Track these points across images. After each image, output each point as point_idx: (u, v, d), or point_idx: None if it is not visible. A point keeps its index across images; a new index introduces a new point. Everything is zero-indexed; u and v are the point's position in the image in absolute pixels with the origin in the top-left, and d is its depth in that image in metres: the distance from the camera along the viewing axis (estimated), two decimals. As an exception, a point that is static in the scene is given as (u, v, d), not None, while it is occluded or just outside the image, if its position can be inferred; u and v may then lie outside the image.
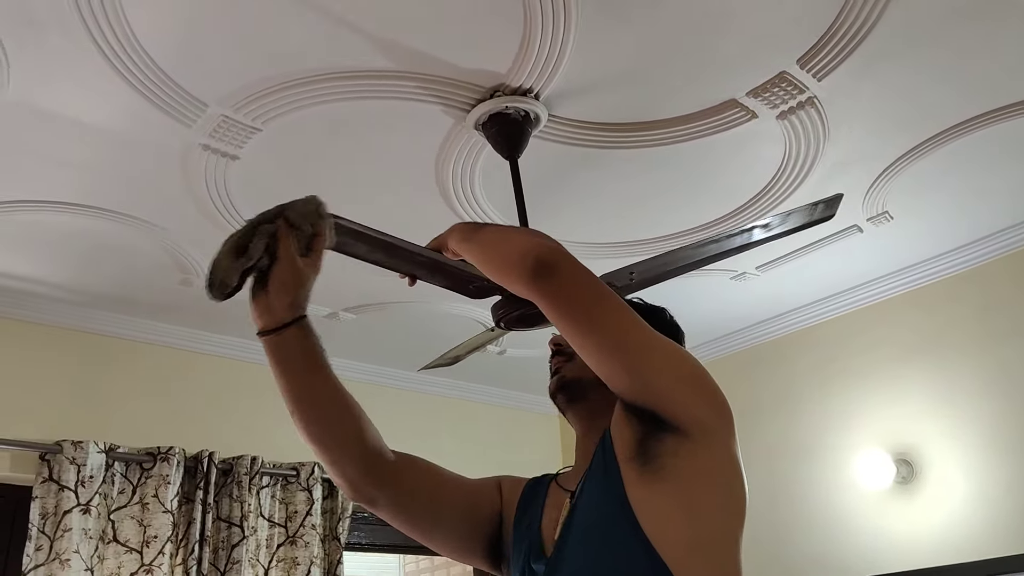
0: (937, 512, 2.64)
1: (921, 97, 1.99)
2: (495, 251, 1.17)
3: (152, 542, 2.54)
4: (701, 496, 1.00)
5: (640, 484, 1.01)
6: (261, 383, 3.04)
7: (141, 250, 2.41)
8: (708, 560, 0.98)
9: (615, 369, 1.03)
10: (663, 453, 1.00)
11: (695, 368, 1.05)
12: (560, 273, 1.07)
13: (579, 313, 1.05)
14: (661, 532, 0.98)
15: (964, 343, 2.69)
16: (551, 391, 1.24)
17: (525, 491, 1.26)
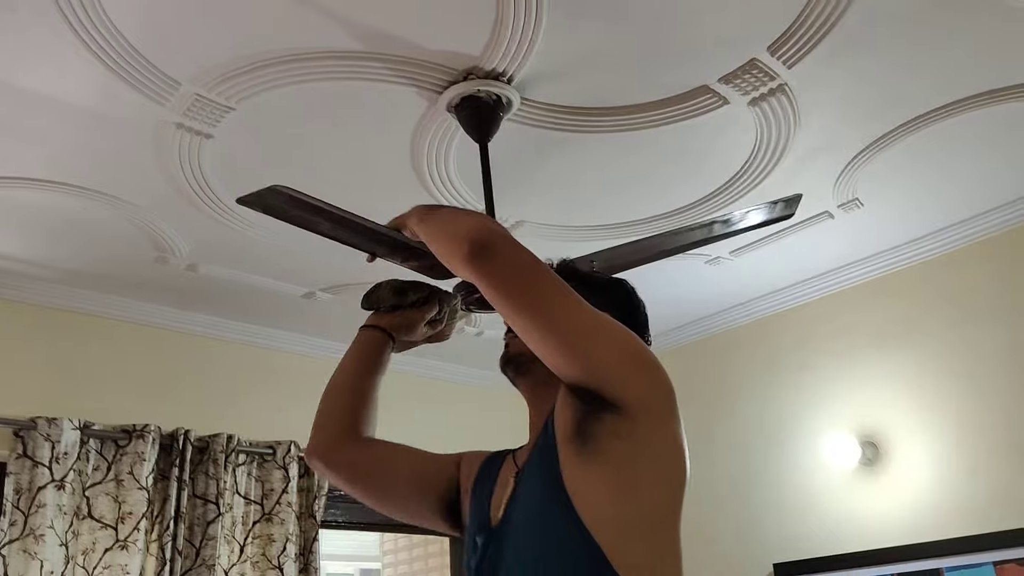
0: (901, 493, 2.70)
1: (891, 85, 2.01)
2: (440, 233, 1.20)
3: (127, 518, 2.55)
4: (638, 476, 1.01)
5: (577, 465, 1.03)
6: (237, 362, 3.07)
7: (115, 228, 2.41)
8: (643, 540, 0.99)
9: (554, 351, 1.04)
10: (601, 433, 1.01)
11: (636, 348, 1.06)
12: (496, 255, 1.08)
13: (516, 295, 1.06)
14: (595, 513, 0.99)
15: (931, 329, 2.74)
16: (500, 364, 1.27)
17: (484, 463, 1.29)
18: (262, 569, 2.78)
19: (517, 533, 1.07)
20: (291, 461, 2.91)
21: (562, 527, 1.01)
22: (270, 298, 2.90)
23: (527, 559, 1.05)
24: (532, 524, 1.05)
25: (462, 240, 1.10)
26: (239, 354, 3.09)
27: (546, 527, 1.03)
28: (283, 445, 2.92)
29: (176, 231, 2.45)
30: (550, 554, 1.02)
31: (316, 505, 2.93)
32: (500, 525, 1.11)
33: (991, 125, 2.19)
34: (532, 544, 1.04)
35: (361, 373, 1.40)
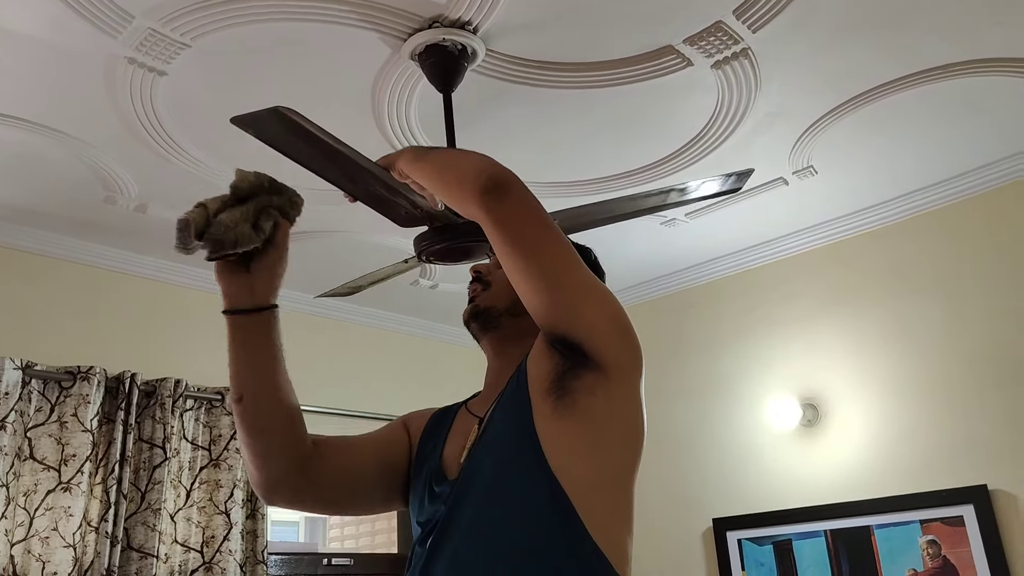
0: (838, 454, 2.80)
1: (851, 55, 2.04)
2: (449, 169, 1.17)
3: (71, 460, 2.52)
4: (608, 434, 1.03)
5: (551, 418, 1.03)
6: (186, 307, 3.02)
7: (63, 165, 2.33)
8: (607, 495, 1.02)
9: (549, 302, 1.05)
10: (579, 389, 1.03)
11: (621, 313, 1.08)
12: (512, 196, 1.07)
13: (525, 239, 1.05)
14: (565, 466, 1.01)
15: (875, 297, 2.82)
16: (465, 318, 1.26)
17: (431, 421, 1.28)
18: (209, 514, 2.77)
19: (481, 481, 1.07)
20: (240, 408, 2.89)
21: (534, 476, 1.02)
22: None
23: (492, 505, 1.05)
24: (501, 470, 1.06)
25: (477, 175, 1.08)
26: (188, 299, 3.04)
27: (517, 475, 1.04)
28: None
29: (126, 170, 2.38)
30: (517, 500, 1.03)
31: (265, 452, 2.92)
32: (462, 473, 1.10)
33: (945, 100, 2.24)
34: (498, 491, 1.05)
35: (269, 376, 1.13)
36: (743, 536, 2.93)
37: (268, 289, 1.12)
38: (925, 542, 2.55)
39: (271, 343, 1.13)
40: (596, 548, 0.99)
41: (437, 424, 1.26)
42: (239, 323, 1.12)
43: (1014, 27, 1.96)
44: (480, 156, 1.17)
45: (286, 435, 1.14)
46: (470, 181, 1.09)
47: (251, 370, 1.12)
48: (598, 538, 0.99)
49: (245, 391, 1.12)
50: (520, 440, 1.05)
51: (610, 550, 0.99)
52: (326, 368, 3.32)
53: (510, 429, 1.08)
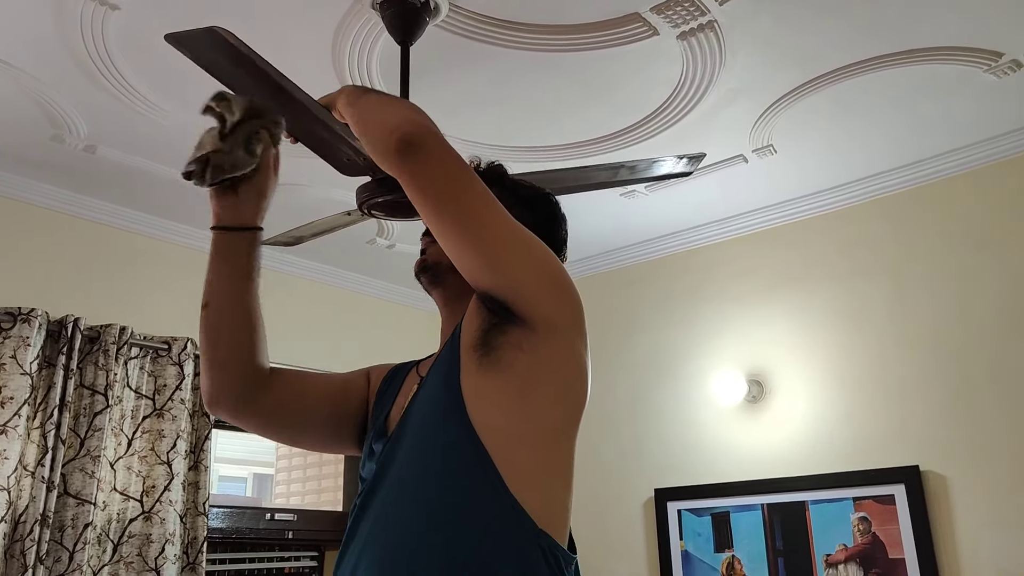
0: (779, 430, 2.85)
1: (817, 34, 2.04)
2: (370, 119, 1.14)
3: (8, 403, 2.47)
4: (535, 390, 1.02)
5: (477, 373, 1.03)
6: (135, 252, 2.96)
7: (9, 99, 2.25)
8: (532, 452, 1.00)
9: (470, 259, 1.03)
10: (505, 344, 1.02)
11: (552, 266, 1.06)
12: (425, 153, 1.04)
13: (440, 197, 1.03)
14: (487, 421, 1.00)
15: (825, 279, 2.87)
16: (415, 271, 1.25)
17: (388, 375, 1.28)
18: (150, 464, 2.74)
19: (411, 437, 1.07)
20: (187, 359, 2.85)
21: (454, 433, 1.01)
22: (171, 188, 2.78)
23: (417, 460, 1.05)
24: (427, 427, 1.06)
25: (391, 132, 1.06)
26: (137, 244, 2.98)
27: (438, 433, 1.04)
28: (179, 342, 2.86)
29: (75, 109, 2.31)
30: (439, 455, 1.02)
31: (210, 404, 2.89)
32: (396, 430, 1.11)
33: (905, 85, 2.26)
34: (424, 445, 1.05)
35: (240, 292, 1.17)
36: (683, 507, 2.98)
37: (254, 211, 1.18)
38: (857, 519, 2.62)
39: (249, 262, 1.18)
40: (515, 502, 0.97)
41: (391, 382, 1.26)
42: (222, 239, 1.17)
43: (978, 18, 1.98)
44: (402, 108, 1.12)
45: (242, 351, 1.18)
46: (385, 136, 1.07)
47: (224, 282, 1.17)
48: (520, 493, 0.98)
49: (212, 299, 1.17)
50: (446, 396, 1.05)
51: (534, 506, 0.98)
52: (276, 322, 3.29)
53: (439, 387, 1.08)
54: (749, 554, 2.80)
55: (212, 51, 1.38)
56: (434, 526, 0.98)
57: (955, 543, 2.45)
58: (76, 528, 2.51)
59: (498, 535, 0.96)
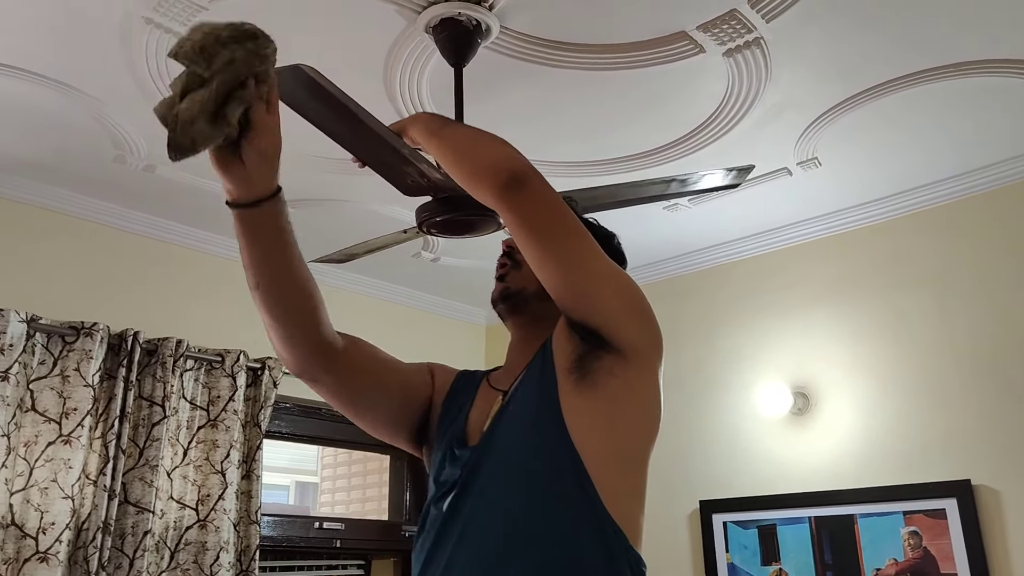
0: (825, 443, 2.84)
1: (863, 48, 2.05)
2: (467, 154, 1.20)
3: (72, 414, 2.55)
4: (625, 414, 1.10)
5: (574, 394, 1.10)
6: (190, 268, 3.05)
7: (75, 121, 2.35)
8: (621, 472, 1.08)
9: (569, 290, 1.11)
10: (600, 369, 1.09)
11: (640, 298, 1.15)
12: (531, 189, 1.12)
13: (544, 232, 1.11)
14: (585, 440, 1.07)
15: (869, 291, 2.86)
16: (494, 298, 1.29)
17: (457, 381, 1.33)
18: (205, 473, 2.81)
19: (504, 449, 1.13)
20: (239, 370, 2.93)
21: (555, 445, 1.08)
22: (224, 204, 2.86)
23: (512, 471, 1.10)
24: (524, 440, 1.12)
25: (496, 169, 1.13)
26: (193, 260, 3.07)
27: (539, 443, 1.10)
28: (232, 354, 2.94)
29: (137, 130, 2.40)
30: (538, 468, 1.08)
31: (262, 415, 2.97)
32: (484, 440, 1.16)
33: (953, 97, 2.26)
34: (521, 459, 1.10)
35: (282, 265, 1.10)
36: (729, 519, 2.98)
37: (265, 177, 1.03)
38: (907, 533, 2.60)
39: (280, 229, 1.07)
40: (611, 519, 1.04)
41: (463, 387, 1.30)
42: (243, 216, 1.05)
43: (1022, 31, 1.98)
44: (500, 144, 1.19)
45: (305, 319, 1.15)
46: (489, 173, 1.13)
47: (263, 257, 1.08)
48: (613, 511, 1.05)
49: (260, 278, 1.10)
50: (544, 413, 1.11)
51: (623, 524, 1.06)
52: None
53: (534, 403, 1.13)
54: (797, 567, 2.79)
55: (291, 83, 1.45)
56: (532, 537, 1.03)
57: (1008, 558, 2.42)
58: (136, 535, 2.58)
59: (593, 550, 1.03)
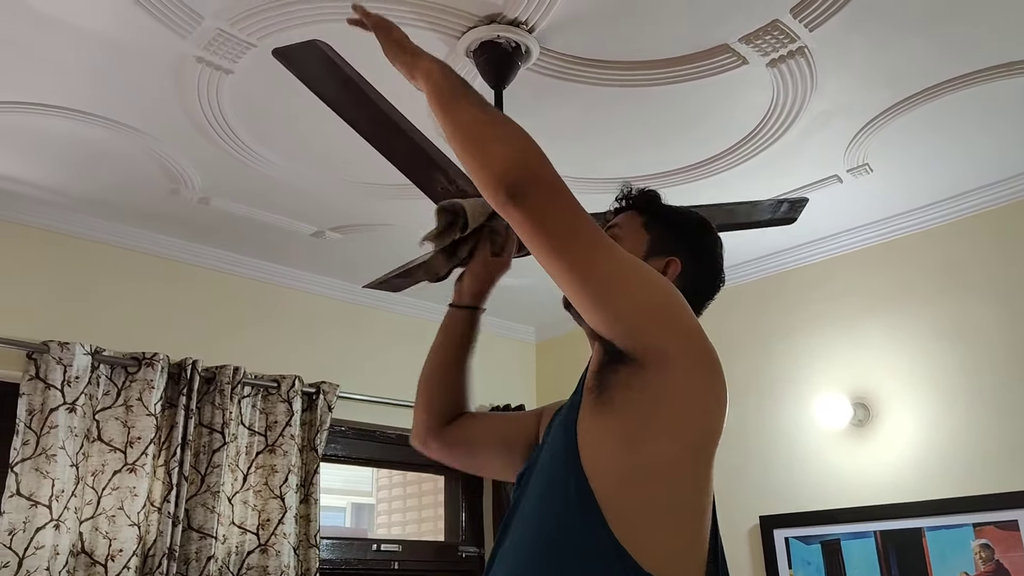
0: (888, 454, 2.77)
1: (909, 53, 2.02)
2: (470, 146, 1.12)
3: (136, 443, 2.62)
4: (644, 427, 1.00)
5: (590, 415, 1.04)
6: (246, 297, 3.12)
7: (131, 158, 2.43)
8: (643, 492, 0.99)
9: (581, 298, 1.05)
10: (614, 384, 1.03)
11: (660, 300, 1.05)
12: (537, 195, 1.04)
13: (547, 244, 1.04)
14: (595, 462, 1.01)
15: (927, 297, 2.79)
16: (563, 304, 1.26)
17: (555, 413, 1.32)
18: (264, 498, 2.86)
19: (536, 474, 1.12)
20: (295, 395, 2.98)
21: (564, 468, 1.04)
22: (280, 235, 2.93)
23: (534, 497, 1.09)
24: (550, 465, 1.09)
25: (498, 182, 1.05)
26: (247, 288, 3.14)
27: (555, 468, 1.07)
28: (287, 379, 2.98)
29: (191, 164, 2.47)
30: (550, 493, 1.05)
31: (318, 439, 3.01)
32: (528, 465, 1.17)
33: (1005, 98, 2.20)
34: (542, 484, 1.08)
35: (457, 356, 1.43)
36: (791, 534, 2.92)
37: (472, 293, 1.43)
38: (978, 546, 2.52)
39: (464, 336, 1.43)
40: (616, 543, 0.96)
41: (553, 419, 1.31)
42: (448, 316, 1.45)
43: (1080, 25, 1.92)
44: (504, 139, 1.10)
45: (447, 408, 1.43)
46: (491, 184, 1.06)
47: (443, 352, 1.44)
48: (626, 533, 0.97)
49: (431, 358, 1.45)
50: (564, 437, 1.07)
51: (643, 546, 0.97)
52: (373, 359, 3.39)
53: (562, 427, 1.11)
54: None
55: (313, 65, 1.47)
56: (543, 562, 1.01)
57: (1087, 571, 2.33)
58: (200, 561, 2.63)
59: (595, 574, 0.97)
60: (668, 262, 1.24)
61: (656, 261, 1.23)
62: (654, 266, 1.19)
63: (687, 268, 1.24)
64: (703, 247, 1.28)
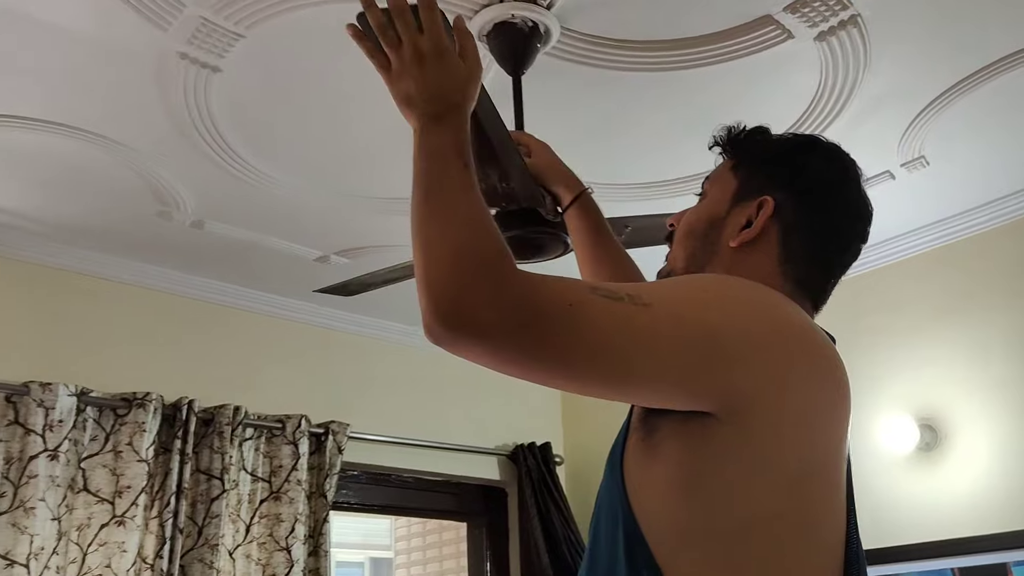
0: (963, 481, 2.48)
1: (975, 20, 1.79)
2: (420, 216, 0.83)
3: (125, 492, 2.38)
4: (706, 484, 0.79)
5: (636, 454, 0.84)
6: (247, 330, 2.89)
7: (113, 176, 2.22)
8: (710, 553, 0.78)
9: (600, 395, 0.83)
10: (666, 428, 0.82)
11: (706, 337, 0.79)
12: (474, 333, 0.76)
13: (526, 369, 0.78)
14: (651, 511, 0.80)
15: (997, 303, 2.52)
16: None
17: None
18: (269, 551, 2.60)
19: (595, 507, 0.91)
20: (301, 436, 2.73)
21: (614, 512, 0.84)
22: (281, 261, 2.71)
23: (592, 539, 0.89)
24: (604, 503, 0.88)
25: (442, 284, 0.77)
26: (247, 321, 2.91)
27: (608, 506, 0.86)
28: (293, 419, 2.74)
29: (181, 181, 2.26)
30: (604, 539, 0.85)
31: (327, 484, 2.75)
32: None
33: (1082, 70, 1.97)
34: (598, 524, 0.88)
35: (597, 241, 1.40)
36: (854, 575, 2.62)
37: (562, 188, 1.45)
38: (1074, 581, 2.22)
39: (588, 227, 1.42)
40: None
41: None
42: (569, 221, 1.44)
43: None
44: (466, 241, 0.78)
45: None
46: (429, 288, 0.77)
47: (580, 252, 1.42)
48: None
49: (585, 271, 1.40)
50: (613, 469, 0.86)
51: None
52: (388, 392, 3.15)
53: (609, 462, 0.89)
54: (943, 628, 2.41)
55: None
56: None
57: None
58: (197, 623, 2.37)
59: None
60: (759, 203, 0.96)
61: (744, 208, 0.97)
62: (743, 213, 0.96)
63: (786, 206, 0.95)
64: (802, 170, 0.98)
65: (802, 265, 0.96)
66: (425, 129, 0.89)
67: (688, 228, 1.02)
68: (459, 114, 0.90)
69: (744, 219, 0.96)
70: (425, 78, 0.91)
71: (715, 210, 1.00)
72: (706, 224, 1.00)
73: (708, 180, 1.06)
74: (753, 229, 0.95)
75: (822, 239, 0.97)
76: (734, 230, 0.96)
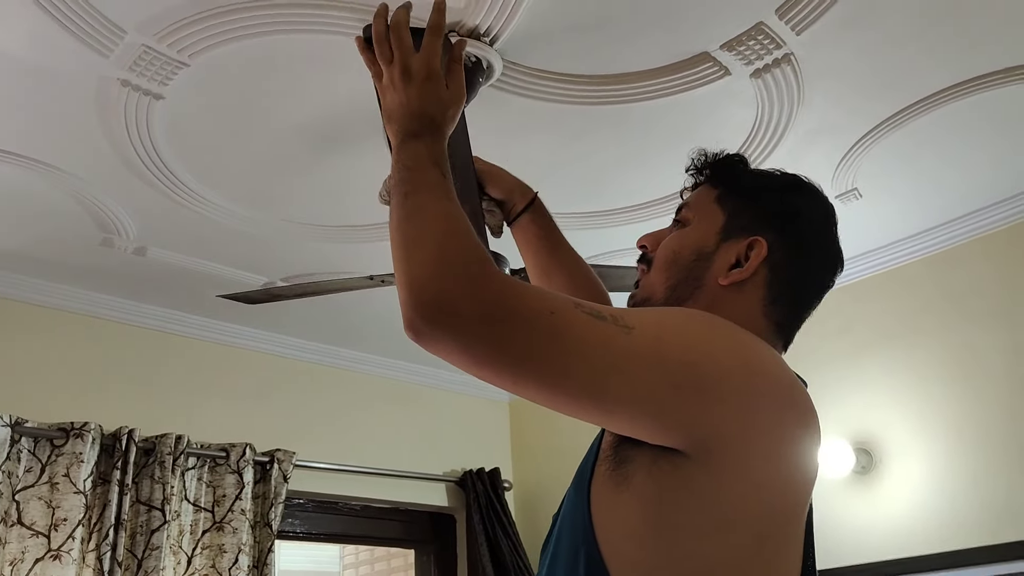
0: (896, 504, 2.55)
1: (903, 59, 1.86)
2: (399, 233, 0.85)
3: (61, 525, 2.32)
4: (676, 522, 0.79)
5: (605, 485, 0.83)
6: (189, 358, 2.84)
7: (55, 203, 2.18)
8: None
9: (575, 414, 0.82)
10: (637, 460, 0.81)
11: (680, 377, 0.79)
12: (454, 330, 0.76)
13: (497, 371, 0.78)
14: (619, 549, 0.79)
15: (933, 329, 2.60)
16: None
17: None
18: (211, 582, 2.55)
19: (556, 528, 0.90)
20: (245, 465, 2.69)
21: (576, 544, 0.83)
22: (226, 288, 2.67)
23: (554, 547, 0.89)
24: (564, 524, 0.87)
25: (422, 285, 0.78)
26: (190, 349, 2.86)
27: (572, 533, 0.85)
28: (238, 448, 2.70)
29: (123, 209, 2.23)
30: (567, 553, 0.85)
31: (272, 513, 2.71)
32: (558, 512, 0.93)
33: (1003, 108, 2.06)
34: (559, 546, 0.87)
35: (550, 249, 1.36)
36: (796, 597, 2.66)
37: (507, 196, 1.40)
38: (1003, 600, 2.29)
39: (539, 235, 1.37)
40: None
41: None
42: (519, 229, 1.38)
43: (1081, 23, 1.79)
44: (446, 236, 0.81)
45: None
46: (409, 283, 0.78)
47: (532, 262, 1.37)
48: None
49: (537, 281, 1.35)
50: (577, 498, 0.85)
51: None
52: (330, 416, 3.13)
53: (575, 486, 0.88)
54: (880, 649, 2.46)
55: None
56: None
57: None
58: (135, 660, 2.31)
59: None
60: (749, 243, 0.96)
61: (733, 245, 0.97)
62: (732, 250, 0.96)
63: (775, 249, 0.96)
64: (795, 215, 0.98)
65: (784, 308, 0.97)
66: (403, 143, 0.94)
67: (672, 256, 0.99)
68: (437, 133, 0.95)
69: (733, 257, 0.96)
70: (409, 97, 0.97)
71: (703, 243, 0.98)
72: (692, 256, 0.98)
73: (687, 206, 1.05)
74: (746, 270, 0.95)
75: (805, 284, 1.00)
76: (723, 267, 0.96)
